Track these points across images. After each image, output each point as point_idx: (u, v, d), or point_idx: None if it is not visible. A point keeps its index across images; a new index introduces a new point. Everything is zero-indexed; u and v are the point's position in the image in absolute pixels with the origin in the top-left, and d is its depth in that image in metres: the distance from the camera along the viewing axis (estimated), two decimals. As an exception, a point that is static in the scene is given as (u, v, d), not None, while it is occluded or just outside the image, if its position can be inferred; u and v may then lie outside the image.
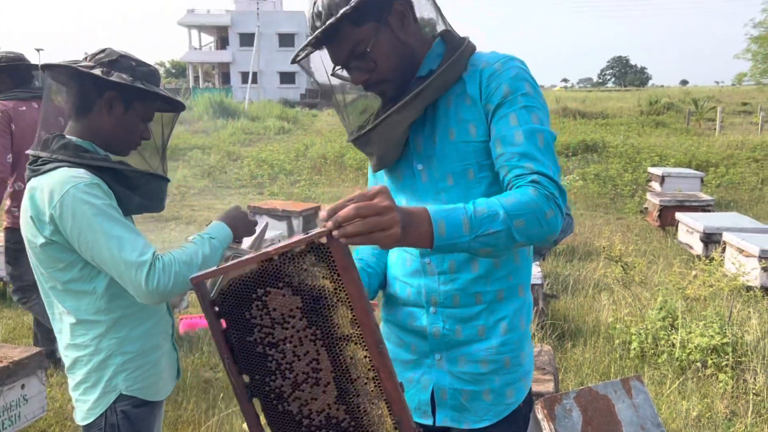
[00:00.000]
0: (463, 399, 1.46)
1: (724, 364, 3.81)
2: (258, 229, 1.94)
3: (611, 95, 38.67)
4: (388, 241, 1.04)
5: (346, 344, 1.08)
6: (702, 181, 9.71)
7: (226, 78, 46.67)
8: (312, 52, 1.44)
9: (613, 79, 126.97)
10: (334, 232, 1.03)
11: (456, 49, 1.40)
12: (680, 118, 21.81)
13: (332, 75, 1.47)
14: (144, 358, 1.81)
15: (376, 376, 1.07)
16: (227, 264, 1.08)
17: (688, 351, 3.94)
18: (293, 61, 1.49)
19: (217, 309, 1.12)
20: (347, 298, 1.06)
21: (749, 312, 4.37)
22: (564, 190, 1.27)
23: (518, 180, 1.27)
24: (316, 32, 1.34)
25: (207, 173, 12.30)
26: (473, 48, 1.43)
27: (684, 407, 3.52)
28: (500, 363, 1.46)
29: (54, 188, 1.59)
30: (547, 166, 1.27)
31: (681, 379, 3.81)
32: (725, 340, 3.86)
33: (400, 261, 1.52)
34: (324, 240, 1.05)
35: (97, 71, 1.70)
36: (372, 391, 1.08)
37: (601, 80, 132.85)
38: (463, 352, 1.45)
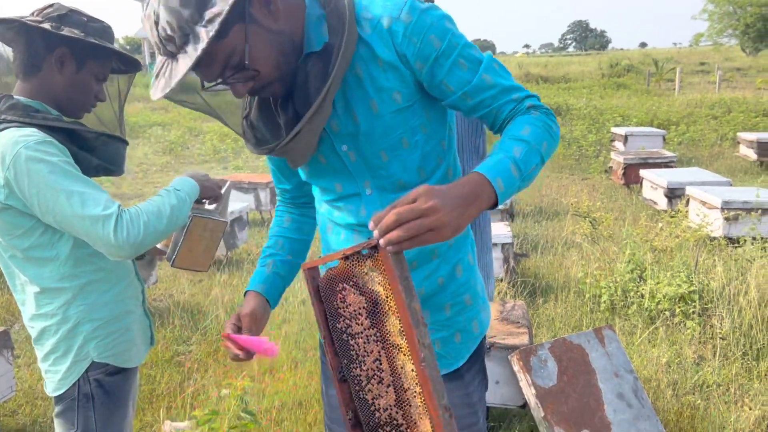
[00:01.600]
0: (437, 347, 1.46)
1: (691, 311, 3.90)
2: (223, 190, 1.88)
3: (573, 59, 38.92)
4: (440, 240, 1.03)
5: (398, 353, 1.09)
6: (664, 139, 9.87)
7: (183, 53, 45.41)
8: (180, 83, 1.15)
9: (573, 44, 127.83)
10: (381, 242, 1.01)
11: (338, 11, 1.22)
12: (640, 80, 22.09)
13: (204, 90, 1.28)
14: (115, 324, 1.76)
15: (422, 392, 1.07)
16: (332, 254, 1.15)
17: (656, 301, 4.03)
18: (164, 96, 1.18)
19: (320, 295, 1.21)
20: (395, 308, 1.06)
21: (714, 260, 4.47)
22: None
23: (515, 113, 1.26)
24: (186, 69, 1.11)
25: (168, 150, 12.05)
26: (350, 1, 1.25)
27: (654, 354, 3.61)
28: (462, 303, 1.47)
29: (4, 150, 1.51)
30: (523, 88, 1.28)
31: (651, 329, 3.89)
32: (692, 289, 3.95)
33: (348, 241, 1.44)
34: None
35: (47, 26, 1.61)
36: (420, 405, 1.08)
37: (562, 45, 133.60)
38: (427, 305, 1.44)
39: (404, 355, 1.07)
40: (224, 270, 5.39)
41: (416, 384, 1.06)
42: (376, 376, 1.13)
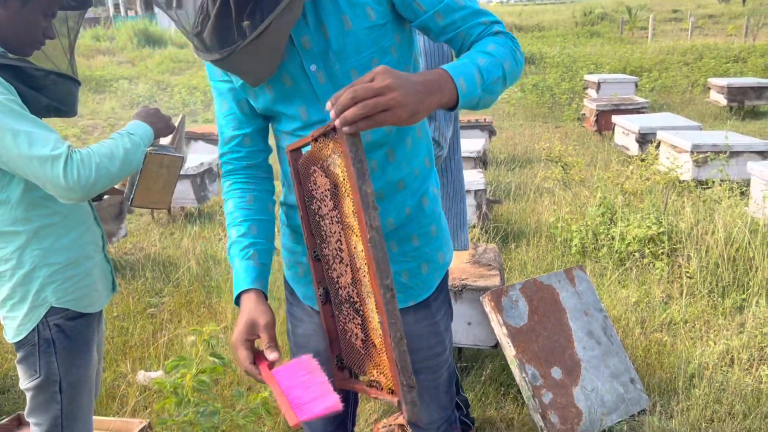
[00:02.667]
0: (404, 279, 1.46)
1: (660, 252, 3.96)
2: (177, 125, 1.82)
3: (546, 8, 38.51)
4: (394, 121, 1.02)
5: (351, 234, 1.10)
6: (636, 85, 9.88)
7: (148, 4, 44.09)
8: None
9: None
10: (336, 121, 1.01)
11: None
12: (614, 28, 21.96)
13: None
14: (73, 269, 1.71)
15: (366, 272, 1.08)
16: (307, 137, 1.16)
17: (626, 243, 4.07)
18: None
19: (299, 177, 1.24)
20: (350, 190, 1.06)
21: (683, 202, 4.52)
22: None
23: (483, 35, 1.27)
24: None
25: (136, 103, 11.75)
26: None
27: (624, 295, 3.66)
28: (428, 234, 1.48)
29: None
30: (491, 13, 1.28)
31: (621, 270, 3.94)
32: (661, 230, 3.99)
33: None
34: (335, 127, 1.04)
35: None
36: (367, 284, 1.09)
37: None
38: (394, 237, 1.43)
39: (356, 236, 1.08)
40: (195, 222, 5.32)
41: (364, 263, 1.07)
42: (338, 256, 1.16)
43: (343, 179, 1.08)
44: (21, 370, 1.72)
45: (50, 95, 1.65)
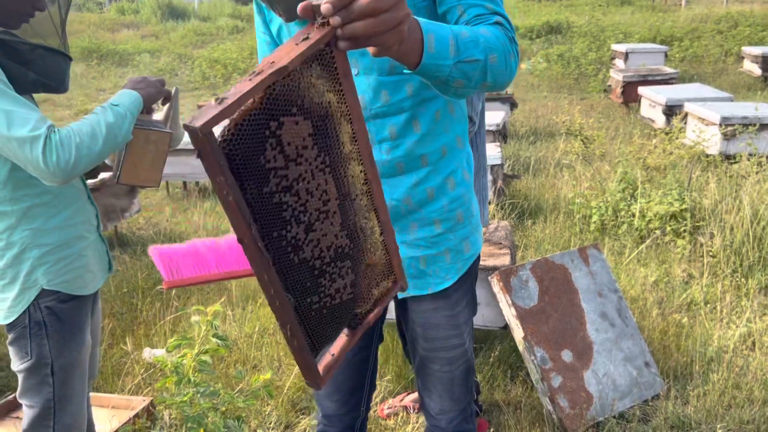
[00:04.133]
0: (422, 265, 1.41)
1: (682, 229, 3.83)
2: (171, 101, 1.76)
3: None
4: (393, 43, 0.87)
5: (349, 163, 0.96)
6: (666, 55, 9.55)
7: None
8: None
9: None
10: (340, 31, 0.82)
11: None
12: (646, -5, 21.28)
13: None
14: (65, 250, 1.68)
15: (369, 189, 1.00)
16: (227, 102, 0.79)
17: (647, 219, 3.94)
18: None
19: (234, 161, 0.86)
20: (347, 110, 0.92)
21: (708, 177, 4.36)
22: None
23: (480, 19, 1.16)
24: None
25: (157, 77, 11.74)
26: None
27: (643, 274, 3.55)
28: (453, 220, 1.42)
29: None
30: (502, 9, 1.17)
31: (640, 248, 3.82)
32: (684, 206, 3.86)
33: None
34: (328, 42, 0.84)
35: None
36: (365, 204, 1.01)
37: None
38: (414, 218, 1.38)
39: (354, 160, 0.96)
40: (209, 197, 5.31)
41: (363, 183, 0.98)
42: (321, 215, 0.96)
43: (338, 102, 0.91)
44: (12, 352, 1.70)
45: (38, 70, 1.60)
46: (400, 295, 1.47)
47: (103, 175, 3.67)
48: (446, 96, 1.14)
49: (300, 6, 0.81)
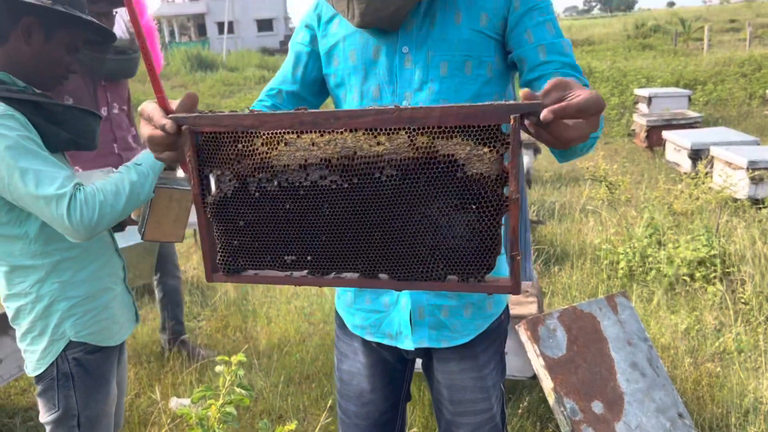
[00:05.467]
0: (443, 315, 1.39)
1: (712, 276, 3.76)
2: None
3: (597, 22, 37.97)
4: (562, 143, 0.87)
5: None
6: (689, 99, 9.53)
7: (201, 30, 45.40)
8: None
9: (598, 6, 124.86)
10: (534, 120, 0.83)
11: None
12: (667, 40, 21.42)
13: None
14: (92, 302, 1.71)
15: None
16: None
17: (676, 266, 3.88)
18: None
19: None
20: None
21: (736, 223, 4.29)
22: None
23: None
24: None
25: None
26: None
27: (673, 321, 3.48)
28: None
29: None
30: (586, 80, 1.21)
31: (670, 295, 3.75)
32: (713, 252, 3.79)
33: None
34: (511, 121, 0.84)
35: None
36: None
37: (586, 8, 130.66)
38: None
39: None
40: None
41: None
42: None
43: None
44: (41, 404, 1.72)
45: (70, 129, 1.65)
46: (415, 343, 1.42)
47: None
48: (559, 155, 1.19)
49: (524, 91, 0.84)
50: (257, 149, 0.96)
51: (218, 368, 2.39)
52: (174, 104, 1.00)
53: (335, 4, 1.29)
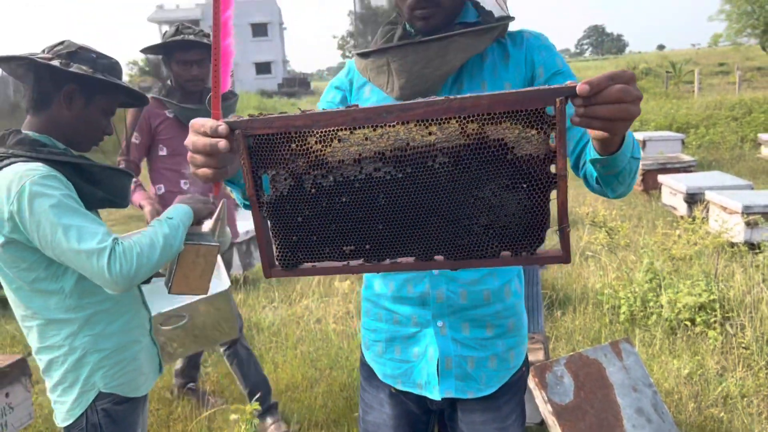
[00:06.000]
0: (469, 367, 1.45)
1: (712, 320, 3.83)
2: (217, 210, 1.88)
3: (589, 64, 38.69)
4: (622, 132, 0.96)
5: None
6: (683, 142, 9.75)
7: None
8: None
9: (590, 49, 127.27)
10: (578, 101, 0.90)
11: (490, 14, 1.43)
12: (659, 83, 21.87)
13: None
14: (121, 354, 1.78)
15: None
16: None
17: (676, 311, 3.95)
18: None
19: None
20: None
21: (733, 268, 4.38)
22: None
23: None
24: None
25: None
26: None
27: (675, 366, 3.53)
28: (504, 327, 1.46)
29: (11, 184, 1.54)
30: None
31: (671, 339, 3.81)
32: (712, 297, 3.87)
33: None
34: (556, 104, 0.91)
35: (56, 63, 1.64)
36: None
37: (578, 50, 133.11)
38: (468, 317, 1.44)
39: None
40: (241, 289, 5.41)
41: None
42: None
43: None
44: (69, 454, 1.76)
45: (105, 189, 1.74)
46: (441, 394, 1.48)
47: None
48: (606, 194, 1.25)
49: (580, 85, 0.89)
50: (311, 147, 1.01)
51: (233, 416, 2.43)
52: None
53: (373, 79, 1.40)
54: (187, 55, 2.80)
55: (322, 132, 0.99)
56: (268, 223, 1.09)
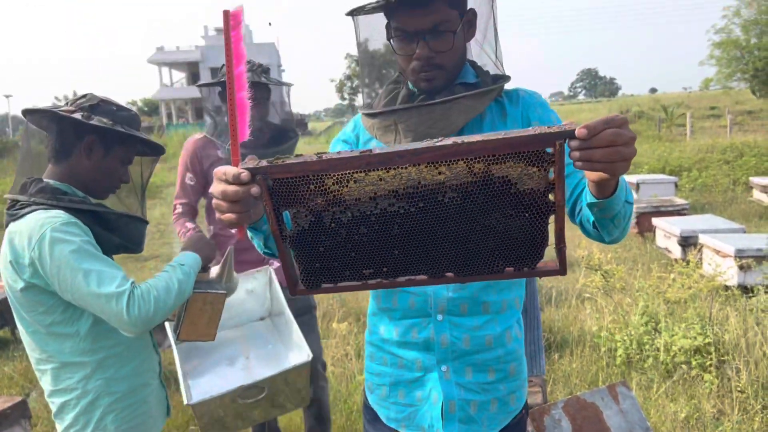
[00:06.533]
0: (472, 410, 1.49)
1: (708, 364, 3.87)
2: (224, 258, 1.94)
3: (582, 107, 39.26)
4: (619, 173, 1.03)
5: None
6: (676, 185, 9.90)
7: (199, 113, 46.52)
8: (382, 8, 1.41)
9: (583, 92, 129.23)
10: (574, 144, 0.99)
11: (488, 75, 1.51)
12: (651, 126, 22.21)
13: (389, 39, 1.46)
14: (132, 397, 1.82)
15: None
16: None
17: (672, 354, 4.00)
18: (351, 12, 1.45)
19: None
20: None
21: (728, 311, 4.45)
22: None
23: None
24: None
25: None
26: None
27: (672, 410, 3.56)
28: (506, 371, 1.51)
29: (32, 231, 1.61)
30: None
31: (668, 383, 3.85)
32: (707, 341, 3.92)
33: None
34: (555, 146, 1.00)
35: (78, 115, 1.73)
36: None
37: (572, 93, 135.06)
38: (471, 361, 1.48)
39: None
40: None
41: None
42: None
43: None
44: (78, 497, 1.79)
45: (121, 235, 1.81)
46: None
47: None
48: (603, 238, 1.31)
49: (579, 129, 0.97)
50: (329, 188, 1.09)
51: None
52: None
53: (380, 137, 1.48)
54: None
55: (338, 174, 1.08)
56: (291, 252, 1.18)
